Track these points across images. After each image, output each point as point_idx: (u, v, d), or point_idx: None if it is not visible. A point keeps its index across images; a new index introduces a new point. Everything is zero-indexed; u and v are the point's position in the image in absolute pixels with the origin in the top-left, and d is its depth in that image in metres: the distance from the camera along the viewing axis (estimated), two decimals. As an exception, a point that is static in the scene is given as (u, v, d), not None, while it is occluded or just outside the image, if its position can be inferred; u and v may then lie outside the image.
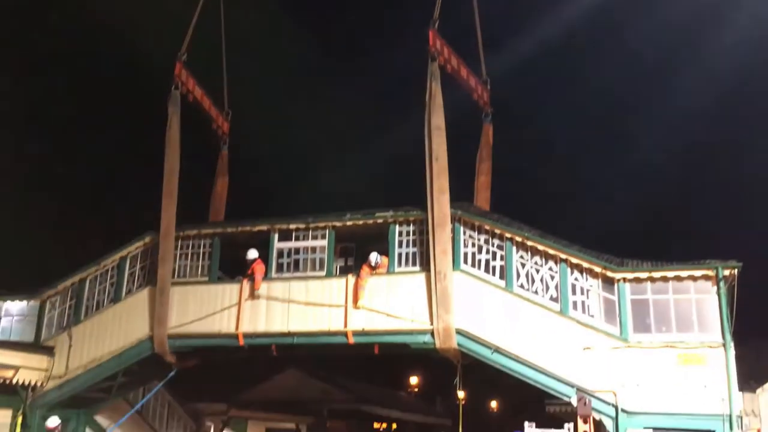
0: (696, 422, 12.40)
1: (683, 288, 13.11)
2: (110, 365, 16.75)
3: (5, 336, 17.78)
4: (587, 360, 13.33)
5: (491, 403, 56.89)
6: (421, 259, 15.09)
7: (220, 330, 16.01)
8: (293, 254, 16.19)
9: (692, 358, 12.65)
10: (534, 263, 14.25)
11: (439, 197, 14.57)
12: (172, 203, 16.76)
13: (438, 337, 14.29)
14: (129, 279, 17.40)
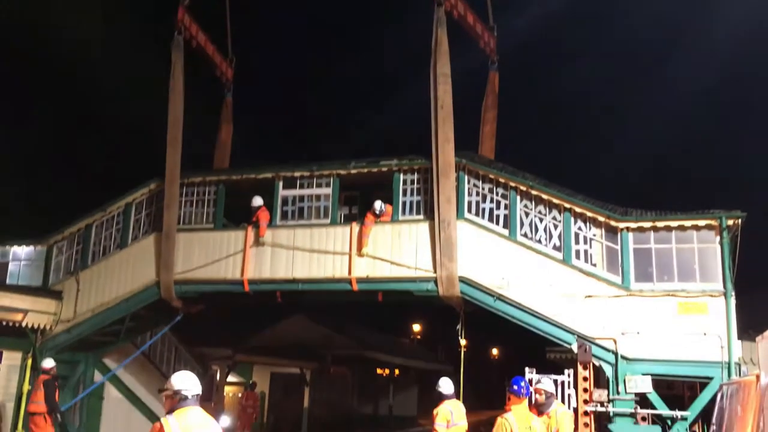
0: (695, 369, 12.61)
1: (686, 237, 13.18)
2: (118, 310, 16.98)
3: (13, 280, 18.01)
4: (588, 308, 13.49)
5: (492, 350, 57.84)
6: (425, 207, 15.14)
7: (225, 276, 16.19)
8: (298, 202, 16.25)
9: (693, 307, 12.79)
10: (538, 212, 14.30)
11: (443, 146, 14.54)
12: (176, 150, 16.74)
13: (441, 284, 14.43)
14: (135, 225, 17.51)
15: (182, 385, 5.66)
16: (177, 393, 5.62)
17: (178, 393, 5.61)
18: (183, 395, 5.60)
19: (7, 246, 18.52)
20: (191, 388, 5.67)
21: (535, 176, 14.80)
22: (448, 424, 10.80)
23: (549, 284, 13.84)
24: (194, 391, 5.69)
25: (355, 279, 15.19)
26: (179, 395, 5.60)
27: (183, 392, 5.61)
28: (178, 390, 5.62)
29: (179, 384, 5.65)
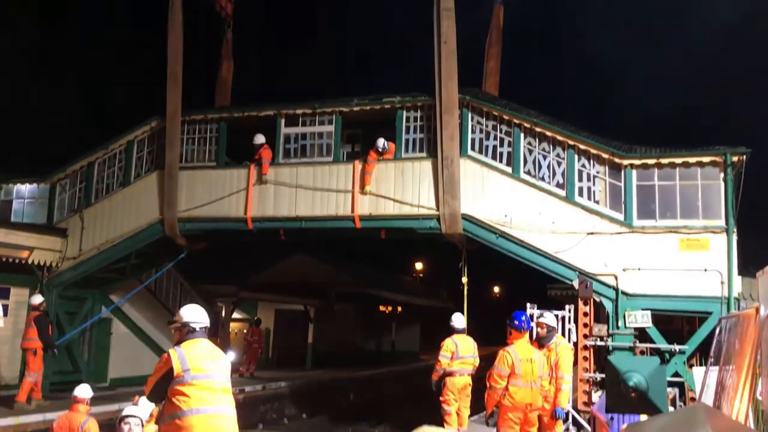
0: (695, 304, 12.77)
1: (690, 174, 13.15)
2: (122, 247, 17.12)
3: (18, 218, 18.10)
4: (590, 245, 13.56)
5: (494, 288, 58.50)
6: (428, 145, 15.07)
7: (228, 214, 16.25)
8: (300, 140, 16.16)
9: (694, 243, 12.85)
10: (541, 149, 14.23)
11: (447, 82, 14.36)
12: (177, 86, 16.57)
13: (444, 222, 14.48)
14: (137, 163, 17.48)
15: (190, 317, 5.75)
16: (185, 325, 5.72)
17: (187, 325, 5.71)
18: (191, 327, 5.69)
19: (10, 184, 18.56)
20: (199, 321, 5.76)
21: (540, 113, 14.67)
22: (453, 356, 11.01)
23: (551, 221, 13.88)
24: (202, 323, 5.77)
25: (358, 217, 15.24)
26: (187, 327, 5.70)
27: (191, 324, 5.71)
28: (187, 322, 5.72)
29: (188, 316, 5.75)
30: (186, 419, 5.32)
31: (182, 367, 5.45)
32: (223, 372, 5.63)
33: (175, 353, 5.53)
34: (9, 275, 16.24)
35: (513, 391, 8.37)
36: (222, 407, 5.47)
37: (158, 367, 5.60)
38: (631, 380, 5.93)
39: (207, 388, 5.44)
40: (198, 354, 5.57)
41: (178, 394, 5.40)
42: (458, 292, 16.67)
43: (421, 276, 50.37)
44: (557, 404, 8.77)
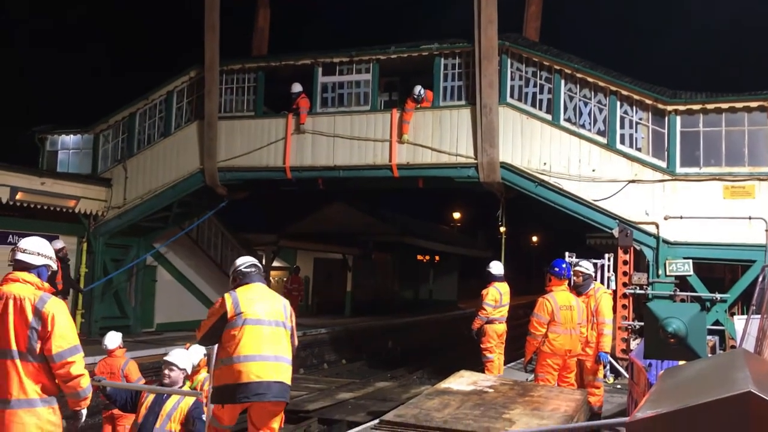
0: (738, 253, 12.59)
1: (736, 120, 12.81)
2: (165, 196, 17.46)
3: (63, 168, 18.55)
4: (631, 193, 13.40)
5: (532, 237, 58.22)
6: (467, 92, 14.90)
7: (267, 164, 16.40)
8: (337, 89, 16.13)
9: (739, 191, 12.60)
10: (582, 96, 13.98)
11: (486, 28, 14.11)
12: (214, 36, 16.59)
13: (482, 170, 14.41)
14: (177, 113, 17.67)
15: (239, 261, 6.02)
16: (236, 270, 5.94)
17: (237, 269, 5.93)
18: (242, 271, 5.89)
19: (56, 135, 18.95)
20: (247, 261, 6.02)
21: (581, 59, 14.35)
22: (496, 303, 11.12)
23: (592, 169, 13.72)
24: (251, 262, 6.01)
25: (395, 166, 15.25)
26: (238, 271, 5.91)
27: (240, 268, 5.92)
28: (236, 266, 5.96)
29: (237, 262, 6.02)
30: (235, 365, 5.40)
31: (235, 310, 5.54)
32: (275, 315, 5.70)
33: (229, 296, 5.65)
34: (57, 224, 16.71)
35: (552, 337, 8.44)
36: (271, 354, 5.51)
37: (212, 310, 5.72)
38: (670, 326, 5.92)
39: (258, 334, 5.51)
40: (251, 297, 5.66)
41: (230, 338, 5.49)
42: (496, 241, 16.67)
43: (458, 225, 50.31)
44: (600, 348, 8.81)
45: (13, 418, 4.32)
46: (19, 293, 4.47)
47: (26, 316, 4.42)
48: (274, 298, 5.88)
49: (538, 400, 6.58)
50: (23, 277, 4.58)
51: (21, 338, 4.39)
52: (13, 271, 4.62)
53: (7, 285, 4.53)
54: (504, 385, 7.25)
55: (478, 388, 6.98)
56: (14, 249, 4.74)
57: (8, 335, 4.38)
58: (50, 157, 18.91)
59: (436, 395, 6.57)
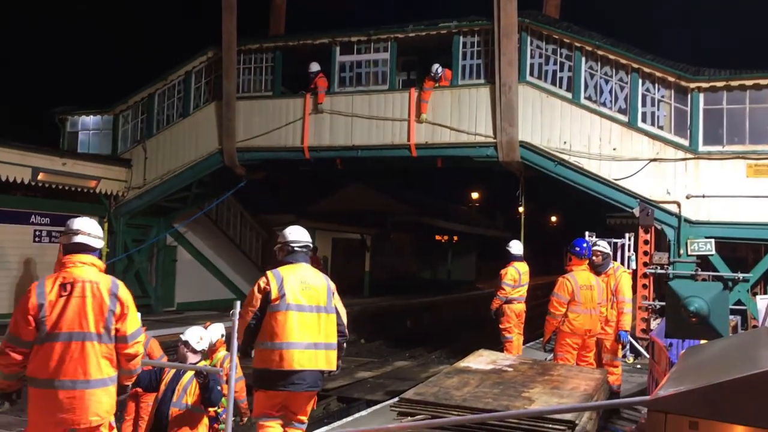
0: (761, 232, 12.46)
1: (761, 97, 12.60)
2: (184, 177, 17.55)
3: (84, 149, 18.70)
4: (653, 172, 13.26)
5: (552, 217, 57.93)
6: (485, 71, 14.77)
7: (286, 144, 16.40)
8: (355, 68, 16.06)
9: (763, 169, 12.41)
10: (603, 74, 13.80)
11: (505, 5, 13.95)
12: (231, 16, 16.54)
13: (501, 150, 14.31)
14: (195, 93, 17.70)
15: (291, 236, 5.66)
16: (285, 245, 5.63)
17: (287, 245, 5.62)
18: (291, 247, 5.61)
19: (76, 116, 19.08)
20: (300, 240, 5.65)
21: (602, 36, 14.15)
22: (515, 283, 11.09)
23: (613, 148, 13.58)
24: (303, 242, 5.65)
25: (414, 145, 15.19)
26: (288, 247, 5.62)
27: (291, 244, 5.62)
28: (287, 241, 5.63)
29: (289, 236, 5.66)
30: (276, 351, 5.32)
31: (279, 292, 5.37)
32: (318, 300, 5.49)
33: (273, 276, 5.44)
34: (79, 204, 16.88)
35: (572, 317, 8.39)
36: (311, 342, 5.39)
37: (254, 291, 5.49)
38: (692, 305, 5.87)
39: (300, 321, 5.38)
40: (295, 280, 5.45)
41: (272, 321, 5.37)
42: (515, 221, 16.58)
43: (477, 205, 50.16)
44: (621, 327, 8.77)
45: (92, 398, 4.44)
46: (91, 277, 4.53)
47: (103, 299, 4.50)
48: (318, 280, 5.60)
49: (557, 379, 6.57)
50: (89, 260, 4.60)
51: (99, 321, 4.47)
52: (72, 253, 4.57)
53: (74, 269, 4.53)
54: (523, 365, 7.24)
55: (497, 367, 6.97)
56: (70, 232, 4.62)
57: (86, 318, 4.44)
58: (71, 138, 19.05)
59: (455, 374, 6.58)
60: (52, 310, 4.39)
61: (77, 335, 4.42)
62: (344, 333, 5.69)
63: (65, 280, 4.47)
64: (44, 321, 4.37)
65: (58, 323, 4.39)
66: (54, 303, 4.40)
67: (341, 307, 5.70)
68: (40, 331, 4.38)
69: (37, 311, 4.37)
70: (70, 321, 4.41)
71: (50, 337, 4.38)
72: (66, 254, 4.59)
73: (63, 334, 4.39)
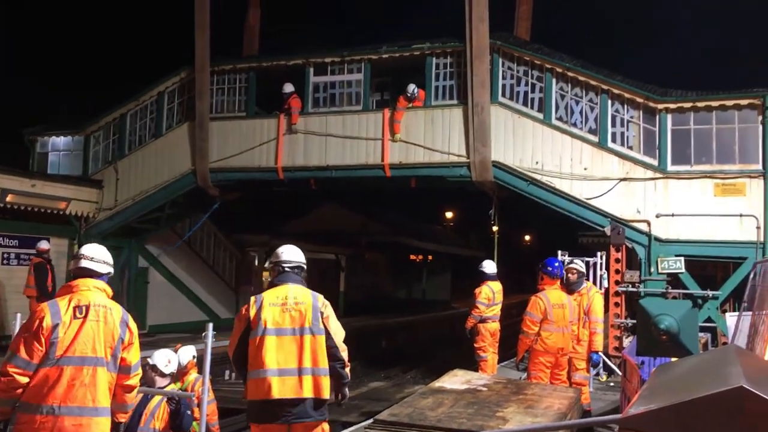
0: (729, 250, 12.65)
1: (727, 117, 12.87)
2: (157, 197, 17.40)
3: (54, 170, 18.47)
4: (623, 191, 13.44)
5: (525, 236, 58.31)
6: (458, 92, 14.91)
7: (259, 164, 16.36)
8: (329, 88, 16.12)
9: (730, 188, 12.65)
10: (574, 95, 14.01)
11: (477, 26, 14.12)
12: (204, 36, 16.54)
13: (474, 169, 14.42)
14: (168, 114, 17.62)
15: (281, 256, 5.36)
16: (276, 264, 5.35)
17: (277, 264, 5.34)
18: (280, 267, 5.31)
19: (46, 137, 18.85)
20: (290, 260, 5.34)
21: (572, 57, 14.38)
22: (489, 301, 11.12)
23: (584, 168, 13.76)
24: (293, 262, 5.34)
25: (388, 165, 15.24)
26: (277, 267, 5.33)
27: (280, 264, 5.32)
28: (276, 261, 5.35)
29: (279, 255, 5.37)
30: (257, 380, 4.97)
31: (256, 316, 5.04)
32: (304, 320, 5.07)
33: (254, 301, 5.15)
34: (48, 226, 16.64)
35: (545, 336, 8.44)
36: (292, 367, 4.96)
37: (237, 317, 5.19)
38: (662, 323, 5.94)
39: (277, 345, 4.99)
40: (276, 302, 5.10)
41: (252, 348, 5.03)
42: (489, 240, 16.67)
43: (451, 224, 50.35)
44: (593, 348, 8.83)
45: (98, 427, 4.30)
46: (104, 302, 4.46)
47: (114, 325, 4.42)
48: (304, 299, 5.17)
49: (531, 398, 6.58)
50: (100, 285, 4.55)
51: (108, 347, 4.38)
52: (80, 278, 4.52)
53: (87, 292, 4.45)
54: (497, 384, 7.24)
55: (472, 386, 6.97)
56: (78, 257, 4.61)
57: (99, 343, 4.34)
58: (41, 159, 18.83)
59: (430, 394, 6.56)
60: (66, 331, 4.28)
61: (90, 360, 4.31)
62: (337, 356, 5.18)
63: (80, 302, 4.38)
64: (56, 343, 4.24)
65: (70, 346, 4.27)
66: (68, 325, 4.30)
67: (336, 327, 5.26)
68: (50, 353, 4.23)
69: (50, 331, 4.24)
70: (83, 345, 4.30)
71: (61, 361, 4.24)
72: (74, 278, 4.56)
73: (75, 358, 4.27)
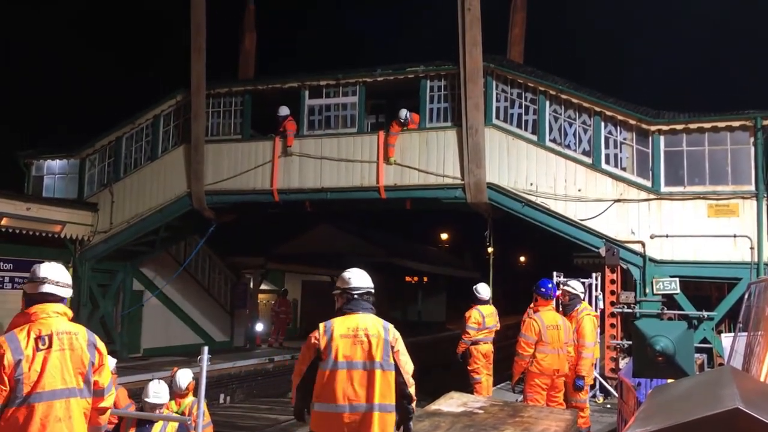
0: (724, 271, 12.69)
1: (719, 139, 12.98)
2: (152, 220, 17.39)
3: (49, 193, 18.46)
4: (617, 212, 13.50)
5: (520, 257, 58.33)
6: (452, 114, 15.01)
7: (255, 186, 16.39)
8: (324, 111, 16.20)
9: (723, 209, 12.73)
10: (567, 117, 14.11)
11: (471, 50, 14.26)
12: (200, 59, 16.65)
13: (469, 191, 14.48)
14: (164, 137, 17.67)
15: (349, 282, 5.04)
16: (343, 292, 5.03)
17: (344, 292, 5.03)
18: (349, 294, 5.01)
19: (41, 160, 18.86)
20: (360, 286, 5.03)
21: (565, 80, 14.52)
22: (479, 326, 11.09)
23: (578, 189, 13.82)
24: (362, 288, 5.04)
25: (383, 187, 15.29)
26: (345, 294, 5.02)
27: (349, 290, 5.01)
28: (345, 288, 5.03)
29: (346, 281, 5.05)
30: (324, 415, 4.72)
31: (327, 347, 4.76)
32: (375, 354, 4.78)
33: (323, 330, 4.84)
34: (42, 249, 16.58)
35: (540, 357, 8.42)
36: (361, 403, 4.69)
37: (304, 349, 4.86)
38: (658, 344, 5.95)
39: (347, 379, 4.72)
40: (349, 332, 4.82)
41: (320, 379, 4.76)
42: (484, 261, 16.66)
43: (446, 246, 50.37)
44: (578, 371, 8.80)
45: None
46: (67, 328, 4.21)
47: (83, 350, 4.20)
48: (376, 331, 4.86)
49: (528, 420, 6.56)
50: (61, 309, 4.27)
51: (79, 374, 4.16)
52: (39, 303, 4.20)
53: (48, 320, 4.15)
54: (494, 406, 7.22)
55: (468, 409, 6.95)
56: (37, 280, 4.26)
57: (69, 373, 4.11)
58: (36, 182, 18.82)
59: (426, 417, 6.54)
60: (30, 366, 3.97)
61: (61, 393, 4.04)
62: (405, 393, 4.87)
63: (41, 332, 4.06)
64: (22, 380, 3.92)
65: (38, 381, 3.97)
66: (32, 359, 3.98)
67: (406, 361, 4.96)
68: (17, 391, 3.91)
69: (13, 369, 3.91)
70: (51, 377, 4.01)
71: (30, 398, 3.94)
72: (32, 304, 4.22)
73: (45, 393, 3.98)
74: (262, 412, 15.71)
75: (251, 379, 18.19)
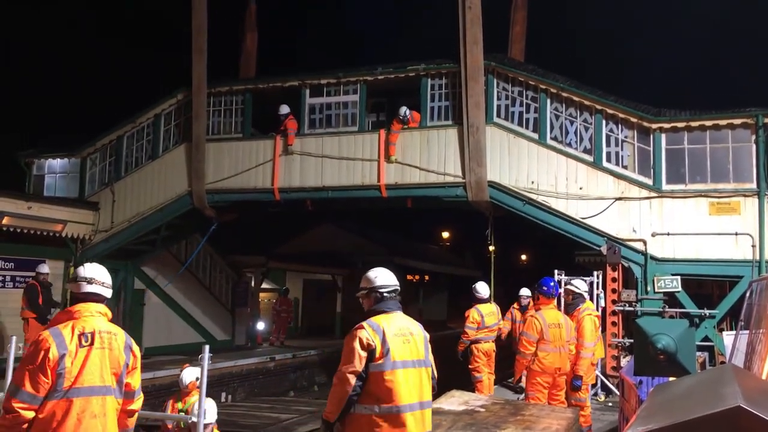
0: (725, 269, 12.68)
1: (721, 137, 12.96)
2: (153, 219, 17.38)
3: (50, 192, 18.46)
4: (619, 210, 13.48)
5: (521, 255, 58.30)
6: (453, 112, 14.99)
7: (256, 185, 16.38)
8: (325, 110, 16.19)
9: (725, 207, 12.71)
10: (568, 115, 14.10)
11: (471, 48, 14.24)
12: (201, 59, 16.64)
13: (470, 190, 14.46)
14: (165, 136, 17.66)
15: (379, 281, 4.88)
16: (373, 291, 4.86)
17: (374, 291, 4.86)
18: (379, 294, 4.85)
19: (42, 159, 18.87)
20: (389, 284, 4.88)
21: (566, 78, 14.50)
22: (479, 325, 11.09)
23: (579, 187, 13.81)
24: (391, 287, 4.88)
25: (384, 186, 15.27)
26: (376, 293, 4.85)
27: (380, 290, 4.85)
28: (373, 287, 4.87)
29: (376, 280, 4.89)
30: (387, 418, 4.53)
31: (383, 347, 4.57)
32: (418, 353, 4.75)
33: (372, 329, 4.62)
34: (44, 248, 16.60)
35: (542, 356, 8.43)
36: (418, 401, 4.64)
37: (351, 346, 4.63)
38: (659, 342, 5.94)
39: (405, 378, 4.60)
40: (398, 332, 4.69)
41: (378, 382, 4.56)
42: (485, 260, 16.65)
43: (447, 244, 50.36)
44: (576, 371, 8.79)
45: None
46: (108, 328, 4.34)
47: (120, 351, 4.31)
48: (416, 329, 4.85)
49: (529, 419, 6.56)
50: (98, 309, 4.38)
51: (115, 375, 4.28)
52: (83, 302, 4.34)
53: (91, 318, 4.30)
54: (495, 405, 7.22)
55: (470, 407, 6.95)
56: (83, 280, 4.38)
57: (102, 372, 4.20)
58: (37, 181, 18.82)
59: (427, 416, 6.52)
60: (73, 362, 4.10)
61: (99, 389, 4.16)
62: (434, 386, 4.93)
63: (84, 330, 4.21)
64: (64, 374, 4.05)
65: (78, 377, 4.10)
66: (75, 354, 4.12)
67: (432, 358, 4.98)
68: (58, 385, 4.04)
69: (57, 363, 4.05)
70: (90, 374, 4.14)
71: (69, 393, 4.06)
72: (75, 302, 4.37)
73: (84, 389, 4.11)
74: (264, 411, 15.71)
75: (252, 378, 18.19)
